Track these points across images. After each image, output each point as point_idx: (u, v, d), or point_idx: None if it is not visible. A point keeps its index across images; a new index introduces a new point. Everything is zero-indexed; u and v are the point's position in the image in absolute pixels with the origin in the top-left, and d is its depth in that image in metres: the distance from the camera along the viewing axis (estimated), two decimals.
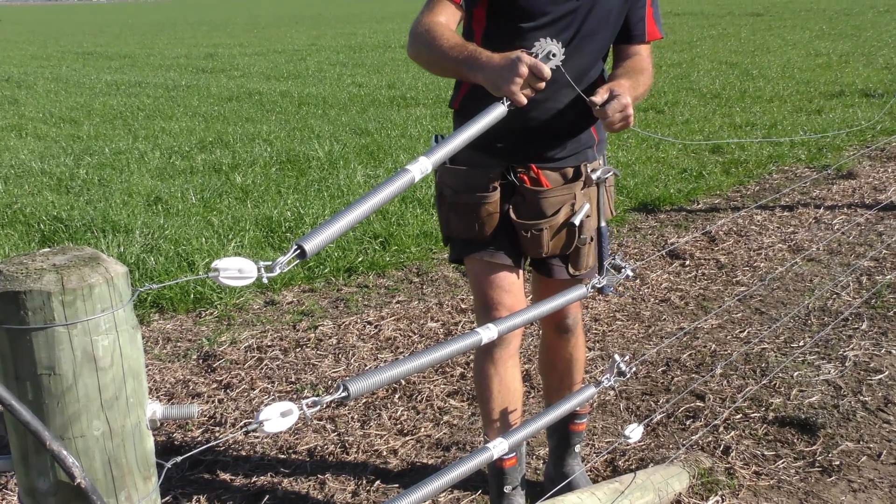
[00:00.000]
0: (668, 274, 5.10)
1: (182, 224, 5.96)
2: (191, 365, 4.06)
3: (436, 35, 2.25)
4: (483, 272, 2.54)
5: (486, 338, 1.89)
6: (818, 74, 13.22)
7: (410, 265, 5.38)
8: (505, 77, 2.03)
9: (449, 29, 2.29)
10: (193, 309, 4.74)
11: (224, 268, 1.35)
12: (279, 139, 9.48)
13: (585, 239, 2.55)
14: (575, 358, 2.86)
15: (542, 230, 2.48)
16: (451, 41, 2.23)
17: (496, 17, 2.37)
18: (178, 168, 8.09)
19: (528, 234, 2.48)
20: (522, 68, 2.01)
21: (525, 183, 2.47)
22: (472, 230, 2.52)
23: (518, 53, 2.05)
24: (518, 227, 2.49)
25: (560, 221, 2.49)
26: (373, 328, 4.42)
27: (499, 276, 2.53)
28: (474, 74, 2.14)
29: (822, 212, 6.23)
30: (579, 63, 2.38)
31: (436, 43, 2.24)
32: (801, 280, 4.96)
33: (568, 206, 2.49)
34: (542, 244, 2.50)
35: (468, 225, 2.52)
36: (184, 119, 11.35)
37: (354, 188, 6.93)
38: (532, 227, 2.48)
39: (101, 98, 13.81)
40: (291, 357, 4.11)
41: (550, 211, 2.47)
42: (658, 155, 8.04)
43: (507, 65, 2.04)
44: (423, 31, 2.29)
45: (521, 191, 2.48)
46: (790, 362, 3.89)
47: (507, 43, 2.35)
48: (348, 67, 17.54)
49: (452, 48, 2.21)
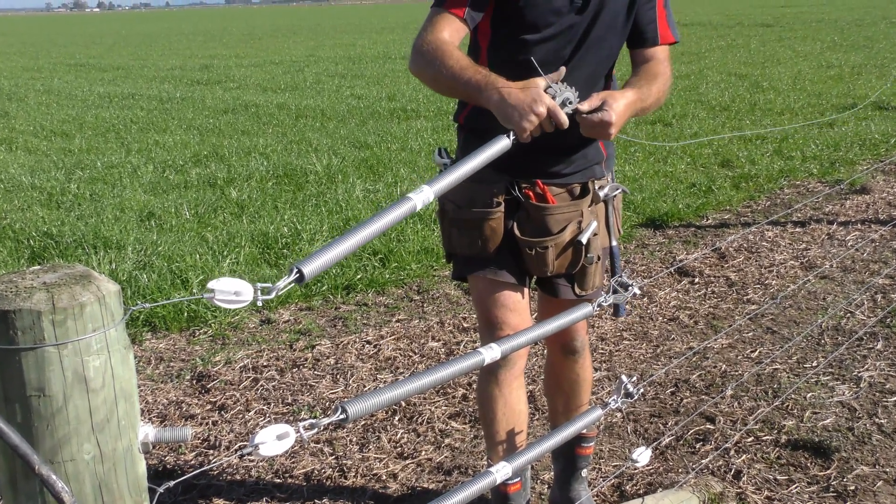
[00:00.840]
0: (677, 292, 5.10)
1: (176, 240, 5.97)
2: (184, 386, 4.06)
3: (444, 53, 2.25)
4: (487, 290, 2.54)
5: (489, 358, 1.89)
6: (830, 86, 13.25)
7: (411, 283, 5.38)
8: (522, 113, 2.04)
9: (457, 48, 2.29)
10: (187, 328, 4.73)
11: (219, 289, 1.36)
12: (276, 153, 9.50)
13: (592, 258, 2.54)
14: (582, 379, 2.85)
15: (547, 248, 2.47)
16: (462, 61, 2.23)
17: (501, 28, 2.38)
18: (172, 182, 8.10)
19: (533, 252, 2.48)
20: (541, 108, 2.03)
21: (530, 199, 2.47)
22: (474, 247, 2.52)
23: (538, 92, 2.06)
24: (522, 244, 2.49)
25: (566, 239, 2.48)
26: (372, 348, 4.41)
27: (503, 295, 2.53)
28: (487, 99, 2.14)
29: (836, 228, 6.23)
30: (586, 72, 2.40)
31: (445, 62, 2.23)
32: (813, 298, 4.96)
33: (574, 223, 2.49)
34: (547, 263, 2.49)
35: (471, 241, 2.51)
36: (178, 132, 11.38)
37: (353, 203, 6.94)
38: (537, 244, 2.47)
39: (94, 111, 13.85)
40: (288, 378, 4.11)
41: (556, 228, 2.47)
42: (666, 169, 8.05)
43: (526, 101, 2.05)
44: (430, 49, 2.27)
45: (526, 207, 2.47)
46: (803, 383, 3.88)
47: (513, 54, 2.37)
48: (347, 79, 17.60)
49: (464, 69, 2.21)
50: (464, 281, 2.70)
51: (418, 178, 7.92)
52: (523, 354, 2.60)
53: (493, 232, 2.49)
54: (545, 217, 2.46)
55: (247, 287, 1.38)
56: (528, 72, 2.37)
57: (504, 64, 2.41)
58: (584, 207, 2.49)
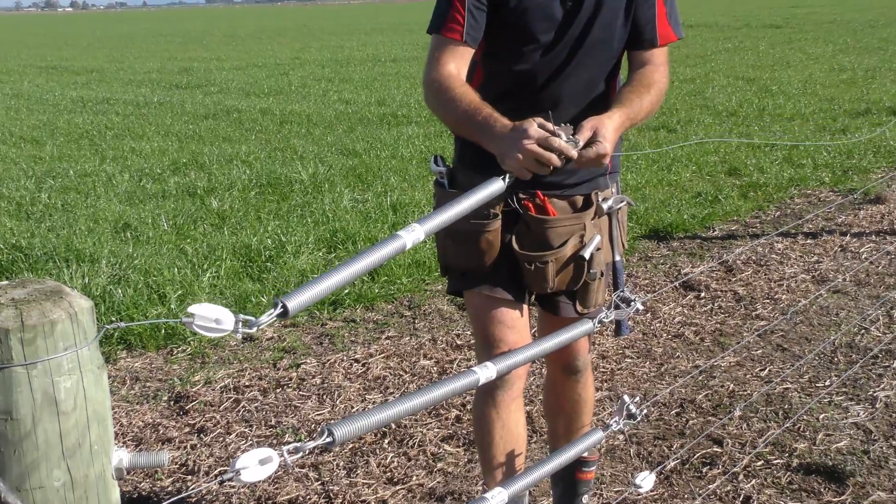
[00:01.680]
0: (682, 307, 5.10)
1: (153, 253, 5.96)
2: (161, 407, 4.04)
3: (448, 91, 2.30)
4: (483, 307, 2.54)
5: (484, 377, 1.89)
6: (842, 91, 13.32)
7: (401, 297, 5.38)
8: (509, 152, 2.10)
9: (462, 83, 2.32)
10: (164, 346, 4.72)
11: (200, 314, 1.36)
12: (259, 160, 9.50)
13: (595, 274, 2.54)
14: (583, 399, 2.85)
15: (547, 263, 2.47)
16: (464, 101, 2.27)
17: (495, 38, 2.40)
18: (149, 192, 8.10)
19: (532, 267, 2.47)
20: (529, 145, 2.07)
21: (530, 210, 2.47)
22: (470, 261, 2.52)
23: (530, 132, 2.09)
24: (521, 258, 2.48)
25: (567, 254, 2.48)
26: (360, 366, 4.40)
27: (501, 312, 2.52)
28: (486, 143, 2.21)
29: (849, 239, 6.25)
30: (585, 77, 2.41)
31: (451, 104, 2.29)
32: (826, 314, 4.97)
33: (577, 237, 2.48)
34: (547, 278, 2.49)
35: (467, 255, 2.51)
36: (156, 139, 11.37)
37: (341, 214, 6.94)
38: (536, 259, 2.46)
39: (66, 116, 13.85)
40: (271, 398, 4.10)
41: (557, 242, 2.47)
42: (670, 178, 8.07)
43: (512, 137, 2.11)
44: (437, 88, 2.33)
45: (526, 219, 2.47)
46: (815, 404, 3.88)
47: (509, 64, 2.39)
48: (334, 83, 17.63)
49: (468, 110, 2.26)
50: (459, 296, 2.70)
51: (409, 187, 7.93)
52: (522, 374, 2.60)
53: (490, 245, 2.48)
54: (545, 230, 2.46)
55: (228, 316, 1.39)
56: (524, 81, 2.39)
57: (500, 75, 2.43)
58: (586, 220, 2.49)
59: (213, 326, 1.38)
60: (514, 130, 2.13)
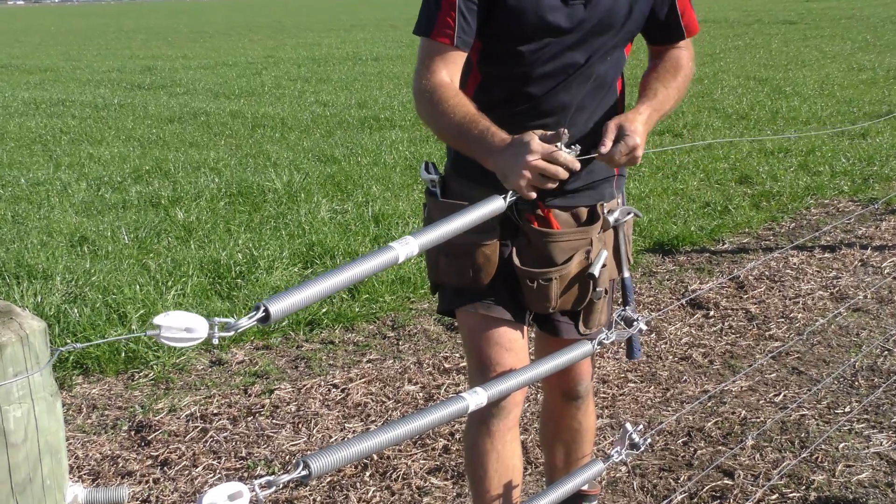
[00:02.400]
0: (689, 327, 5.12)
1: (112, 269, 5.94)
2: (121, 437, 4.02)
3: (442, 102, 2.29)
4: (478, 327, 2.54)
5: (474, 404, 1.89)
6: (862, 92, 13.41)
7: (384, 317, 5.38)
8: (512, 170, 2.11)
9: (456, 93, 2.32)
10: (125, 370, 4.71)
11: (167, 325, 1.35)
12: (229, 168, 9.50)
13: (601, 292, 2.55)
14: (584, 428, 2.86)
15: (550, 280, 2.46)
16: (459, 113, 2.27)
17: (491, 40, 2.39)
18: (109, 202, 8.08)
19: (534, 285, 2.47)
20: (534, 161, 2.08)
21: (531, 223, 2.47)
22: (465, 277, 2.51)
23: (530, 145, 2.11)
24: (522, 275, 2.48)
25: (572, 271, 2.48)
26: (339, 392, 4.40)
27: (497, 332, 2.52)
28: (484, 160, 2.22)
29: (870, 253, 6.28)
30: (592, 77, 2.41)
31: (444, 117, 2.29)
32: (845, 334, 4.99)
33: (582, 253, 2.48)
34: (550, 297, 2.48)
35: (461, 271, 2.51)
36: (116, 144, 11.36)
37: (318, 226, 6.94)
38: (539, 276, 2.46)
39: (17, 119, 13.82)
40: (242, 427, 4.09)
41: (561, 258, 2.47)
42: (676, 186, 8.11)
43: (513, 153, 2.12)
44: (429, 99, 2.33)
45: (527, 232, 2.47)
46: (834, 432, 3.89)
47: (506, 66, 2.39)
48: (311, 83, 17.65)
49: (462, 124, 2.26)
50: (450, 316, 2.70)
51: (393, 196, 7.94)
52: (519, 402, 2.59)
53: (487, 260, 2.48)
54: (548, 245, 2.46)
55: (201, 322, 1.38)
56: (525, 85, 2.38)
57: (498, 78, 2.42)
58: (593, 235, 2.50)
59: (185, 336, 1.37)
60: (514, 145, 2.13)
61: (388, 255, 1.74)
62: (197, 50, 28.62)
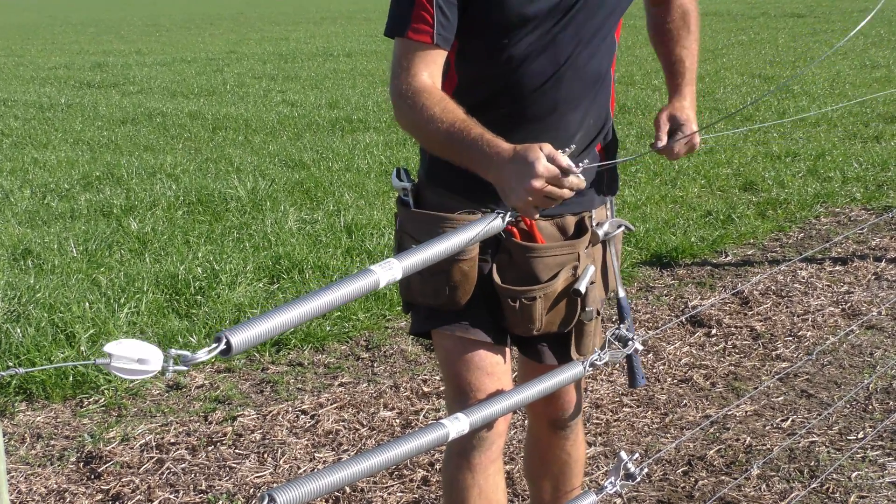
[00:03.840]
0: (690, 346, 5.13)
1: (59, 284, 5.92)
2: (68, 470, 4.01)
3: (427, 108, 2.25)
4: (456, 350, 2.52)
5: (455, 431, 1.90)
6: (876, 91, 13.48)
7: (357, 336, 5.38)
8: (514, 190, 2.08)
9: (441, 97, 2.27)
10: (73, 395, 4.68)
11: (119, 354, 1.35)
12: (188, 174, 9.48)
13: (591, 312, 2.54)
14: (573, 459, 2.86)
15: (534, 299, 2.45)
16: (448, 119, 2.22)
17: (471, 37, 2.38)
18: (55, 211, 8.05)
19: (517, 305, 2.47)
20: (537, 184, 2.05)
21: (513, 236, 2.47)
22: (440, 296, 2.48)
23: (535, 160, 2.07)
24: (503, 293, 2.47)
25: (558, 289, 2.47)
26: (308, 419, 4.39)
27: (478, 355, 2.51)
28: (481, 172, 2.19)
29: (884, 266, 6.32)
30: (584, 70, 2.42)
31: (430, 124, 2.24)
32: (858, 353, 5.02)
33: (569, 269, 2.48)
34: (535, 318, 2.48)
35: (436, 289, 2.48)
36: (63, 148, 11.31)
37: (285, 237, 6.94)
38: (522, 294, 2.45)
39: None
40: (202, 458, 4.07)
41: (546, 275, 2.46)
42: (675, 193, 8.14)
43: (517, 171, 2.08)
44: (410, 105, 2.27)
45: (509, 247, 2.47)
46: (847, 460, 3.91)
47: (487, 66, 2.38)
48: (278, 81, 17.64)
49: (452, 131, 2.21)
50: (425, 337, 2.69)
51: (367, 204, 7.94)
52: (502, 432, 2.57)
53: (465, 278, 2.45)
54: (532, 260, 2.45)
55: (155, 354, 1.38)
56: (509, 86, 2.37)
57: (478, 81, 2.40)
58: (580, 249, 2.49)
59: (137, 368, 1.37)
60: (518, 163, 2.08)
61: (367, 281, 1.72)
62: (152, 44, 28.54)
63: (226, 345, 1.49)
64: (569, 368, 2.21)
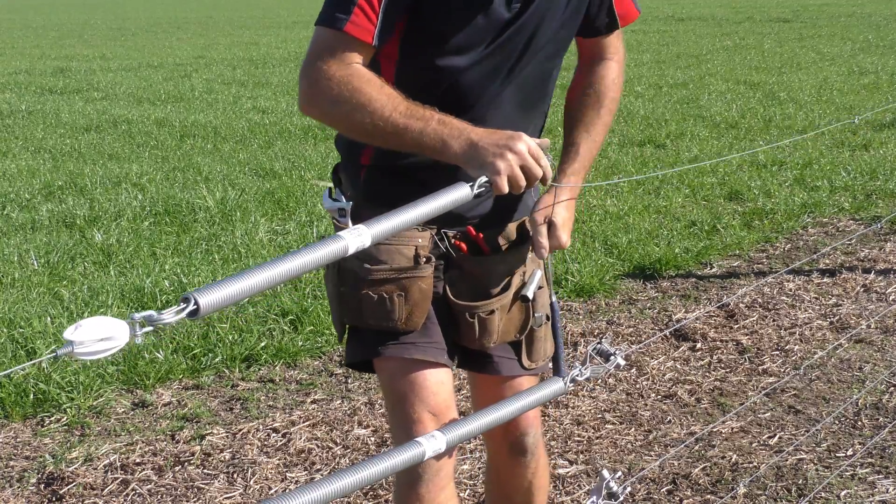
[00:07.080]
0: (674, 361, 5.15)
1: (19, 298, 5.89)
2: (28, 492, 3.98)
3: (363, 90, 2.20)
4: (402, 373, 2.48)
5: (431, 450, 1.90)
6: (864, 98, 13.60)
7: (331, 352, 5.37)
8: (496, 152, 2.09)
9: (382, 81, 2.25)
10: (33, 414, 4.66)
11: (80, 339, 1.35)
12: (154, 183, 9.45)
13: (541, 318, 2.57)
14: (536, 487, 2.83)
15: (493, 312, 2.48)
16: (394, 101, 2.19)
17: (413, 51, 2.37)
18: (15, 222, 8.01)
19: (475, 320, 2.49)
20: (520, 146, 2.10)
21: (462, 250, 2.48)
22: (390, 319, 2.44)
23: (518, 133, 2.14)
24: (461, 310, 2.49)
25: (512, 297, 2.51)
26: (280, 437, 4.38)
27: (427, 378, 2.46)
28: (447, 145, 2.16)
29: (873, 278, 6.35)
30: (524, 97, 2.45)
31: (372, 104, 2.19)
32: (847, 368, 5.04)
33: (518, 275, 2.52)
34: (493, 331, 2.50)
35: (389, 311, 2.44)
36: (23, 156, 11.26)
37: (255, 249, 6.93)
38: (479, 308, 2.48)
39: None
40: (168, 478, 4.06)
41: (499, 283, 2.50)
42: (658, 203, 8.17)
43: (502, 139, 2.12)
44: (345, 89, 2.21)
45: (459, 262, 2.49)
46: (835, 478, 3.93)
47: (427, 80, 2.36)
48: (248, 87, 17.62)
49: (409, 112, 2.18)
50: (364, 369, 2.66)
51: None
52: (450, 458, 2.51)
53: (424, 296, 2.45)
54: (483, 272, 2.49)
55: (119, 326, 1.37)
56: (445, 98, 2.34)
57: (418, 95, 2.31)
58: (525, 253, 2.54)
59: (103, 348, 1.36)
60: (501, 133, 2.13)
61: (336, 246, 1.72)
62: (117, 49, 28.45)
63: (195, 305, 1.49)
64: (549, 385, 2.22)
